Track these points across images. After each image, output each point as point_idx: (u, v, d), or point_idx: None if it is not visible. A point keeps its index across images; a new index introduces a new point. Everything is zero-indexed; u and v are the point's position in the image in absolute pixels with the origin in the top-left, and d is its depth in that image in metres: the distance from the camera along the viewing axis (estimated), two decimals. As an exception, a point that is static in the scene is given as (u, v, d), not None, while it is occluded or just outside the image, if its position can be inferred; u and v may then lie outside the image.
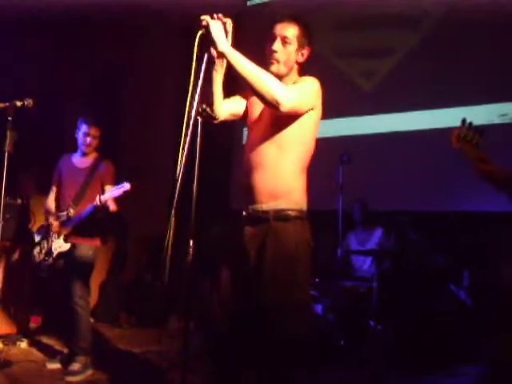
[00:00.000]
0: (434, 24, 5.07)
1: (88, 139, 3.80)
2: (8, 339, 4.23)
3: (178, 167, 1.90)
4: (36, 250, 3.82)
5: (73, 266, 3.65)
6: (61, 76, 6.81)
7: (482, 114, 4.68)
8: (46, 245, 3.76)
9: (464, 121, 2.49)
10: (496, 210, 4.07)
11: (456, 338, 3.98)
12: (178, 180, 1.86)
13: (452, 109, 4.87)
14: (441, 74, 4.95)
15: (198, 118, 2.01)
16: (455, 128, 2.55)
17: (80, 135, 3.83)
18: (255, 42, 6.78)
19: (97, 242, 3.77)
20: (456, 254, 4.39)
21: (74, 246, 3.67)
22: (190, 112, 1.95)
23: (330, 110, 5.58)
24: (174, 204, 1.90)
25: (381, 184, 5.04)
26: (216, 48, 2.01)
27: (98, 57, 6.90)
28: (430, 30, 5.09)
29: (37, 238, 3.87)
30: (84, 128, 3.80)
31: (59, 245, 3.68)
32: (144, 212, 3.72)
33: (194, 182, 2.00)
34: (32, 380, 3.42)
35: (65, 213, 3.72)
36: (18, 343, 4.21)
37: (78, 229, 3.69)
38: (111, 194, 3.60)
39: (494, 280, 3.86)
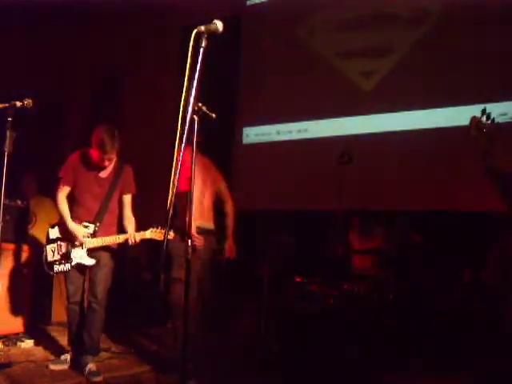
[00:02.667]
0: (435, 23, 5.06)
1: (106, 162, 3.60)
2: (8, 339, 4.24)
3: (174, 167, 1.89)
4: (50, 247, 3.69)
5: (100, 272, 3.63)
6: (61, 76, 6.82)
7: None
8: (63, 247, 3.65)
9: (484, 110, 2.52)
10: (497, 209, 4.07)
11: (458, 338, 3.99)
12: (174, 180, 1.86)
13: (453, 108, 4.87)
14: (441, 73, 4.94)
15: (195, 116, 2.01)
16: (475, 116, 2.64)
17: (98, 154, 3.54)
18: (255, 41, 6.84)
19: (115, 246, 3.73)
20: (457, 254, 4.38)
21: (98, 260, 3.62)
22: (185, 111, 1.95)
23: (330, 109, 5.68)
24: (170, 204, 1.89)
25: (382, 184, 5.03)
26: None
27: (98, 56, 6.91)
28: (431, 29, 5.08)
29: (52, 235, 3.71)
30: (101, 154, 3.52)
31: (80, 255, 3.59)
32: (143, 211, 3.70)
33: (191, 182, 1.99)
34: (32, 380, 3.42)
35: (92, 226, 3.61)
36: (19, 343, 4.21)
37: None
38: (150, 236, 3.53)
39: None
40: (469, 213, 4.43)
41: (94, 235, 3.61)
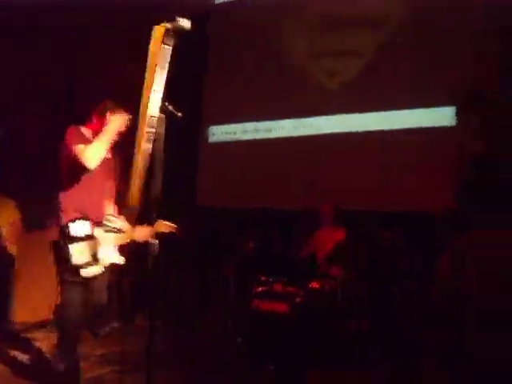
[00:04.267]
0: (398, 27, 5.17)
1: None
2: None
3: (140, 164, 1.88)
4: (78, 248, 2.88)
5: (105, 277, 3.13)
6: (27, 76, 6.65)
7: (446, 116, 4.80)
8: (92, 246, 2.93)
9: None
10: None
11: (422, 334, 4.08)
12: (139, 177, 1.84)
13: (417, 110, 4.98)
14: (405, 75, 5.05)
15: (161, 115, 1.99)
16: None
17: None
18: (222, 40, 6.81)
19: None
20: (424, 254, 4.47)
21: None
22: (150, 109, 1.93)
23: (297, 109, 5.74)
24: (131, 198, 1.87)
25: (347, 183, 5.11)
26: None
27: (66, 56, 6.78)
28: (394, 33, 5.19)
29: (77, 232, 2.89)
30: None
31: (112, 255, 3.00)
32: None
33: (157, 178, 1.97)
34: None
35: (119, 221, 3.04)
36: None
37: None
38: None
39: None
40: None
41: (121, 231, 3.04)
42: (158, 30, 1.99)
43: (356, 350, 3.90)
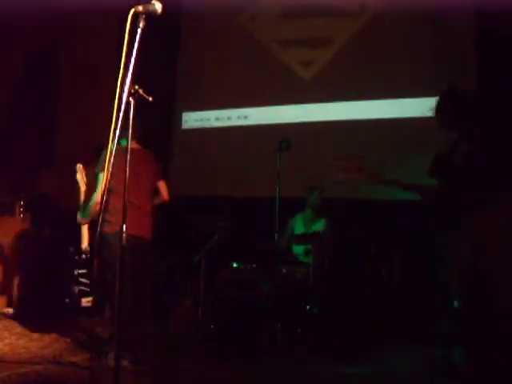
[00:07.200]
0: (372, 17, 5.19)
1: None
2: None
3: (109, 151, 1.85)
4: None
5: None
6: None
7: (416, 107, 4.85)
8: None
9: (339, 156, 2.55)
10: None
11: (388, 320, 4.17)
12: (109, 164, 1.81)
13: (388, 100, 5.03)
14: (378, 66, 5.09)
15: (130, 99, 1.95)
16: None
17: None
18: (196, 26, 6.67)
19: None
20: (388, 240, 4.54)
21: None
22: (121, 94, 1.89)
23: (270, 97, 5.72)
24: (104, 188, 1.85)
25: (318, 171, 5.13)
26: None
27: (34, 37, 6.60)
28: (368, 23, 5.21)
29: None
30: None
31: None
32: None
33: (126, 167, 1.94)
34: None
35: None
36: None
37: None
38: None
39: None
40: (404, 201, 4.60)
41: None
42: (131, 13, 1.96)
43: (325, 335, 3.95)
